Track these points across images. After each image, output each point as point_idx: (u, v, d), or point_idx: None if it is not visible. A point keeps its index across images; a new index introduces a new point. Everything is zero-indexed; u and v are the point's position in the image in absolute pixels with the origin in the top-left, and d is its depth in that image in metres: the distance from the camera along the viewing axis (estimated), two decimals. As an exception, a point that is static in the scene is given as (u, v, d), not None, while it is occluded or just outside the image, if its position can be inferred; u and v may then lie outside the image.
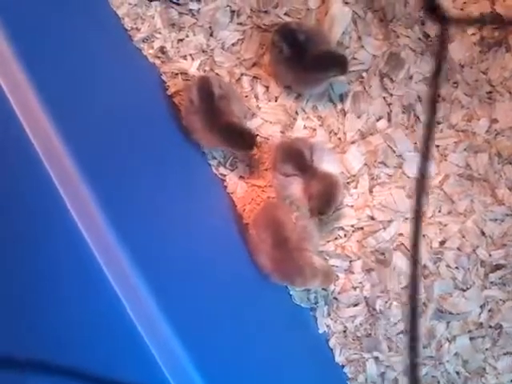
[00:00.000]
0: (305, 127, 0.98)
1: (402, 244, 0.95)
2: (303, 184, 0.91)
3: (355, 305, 0.96)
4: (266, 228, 0.88)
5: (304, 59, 0.92)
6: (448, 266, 0.94)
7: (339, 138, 0.98)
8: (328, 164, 0.91)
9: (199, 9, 1.00)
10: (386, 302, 0.95)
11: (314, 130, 0.98)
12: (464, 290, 0.94)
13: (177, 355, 0.56)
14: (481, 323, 0.94)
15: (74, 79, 0.72)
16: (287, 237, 0.87)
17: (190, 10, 1.00)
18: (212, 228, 0.88)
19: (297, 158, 0.91)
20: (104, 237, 0.55)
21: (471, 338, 0.95)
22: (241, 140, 0.92)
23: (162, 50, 0.99)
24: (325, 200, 0.90)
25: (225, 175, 0.98)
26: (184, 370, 0.56)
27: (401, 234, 0.95)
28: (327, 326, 0.97)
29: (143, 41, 0.99)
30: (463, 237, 0.95)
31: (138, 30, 0.99)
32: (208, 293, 0.72)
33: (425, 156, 0.32)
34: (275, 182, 0.93)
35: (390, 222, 0.95)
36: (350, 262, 0.96)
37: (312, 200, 0.90)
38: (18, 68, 0.57)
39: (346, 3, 1.00)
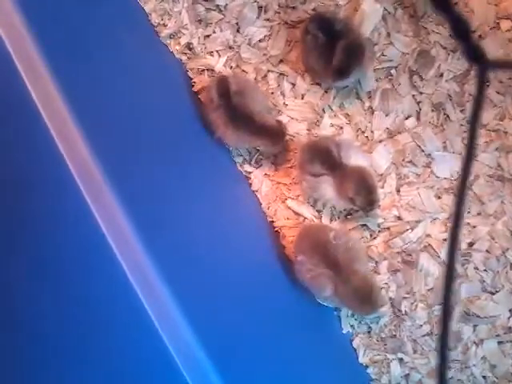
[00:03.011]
0: (331, 125, 0.97)
1: (430, 245, 0.93)
2: (334, 183, 0.89)
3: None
4: (313, 251, 0.87)
5: (335, 49, 0.91)
6: (476, 268, 0.92)
7: (366, 137, 0.96)
8: (357, 159, 0.89)
9: (226, 4, 0.99)
10: (412, 304, 0.93)
11: (341, 128, 0.97)
12: (492, 294, 0.92)
13: (198, 358, 0.56)
14: (509, 327, 0.92)
15: (100, 75, 0.72)
16: (336, 258, 0.86)
17: (217, 5, 1.00)
18: (238, 226, 0.88)
19: (324, 156, 0.89)
20: (130, 242, 0.55)
21: (499, 343, 0.92)
22: (265, 132, 0.91)
23: (189, 46, 0.99)
24: (366, 193, 0.87)
25: (250, 173, 0.98)
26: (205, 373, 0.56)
27: (428, 235, 0.93)
28: (351, 326, 0.96)
29: (170, 37, 0.99)
30: (492, 239, 0.92)
31: (164, 25, 0.99)
32: (232, 292, 0.72)
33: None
34: (304, 184, 0.91)
35: (417, 222, 0.93)
36: (376, 262, 0.94)
37: (353, 197, 0.87)
38: (43, 64, 0.57)
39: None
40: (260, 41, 0.99)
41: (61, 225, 0.58)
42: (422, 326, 0.93)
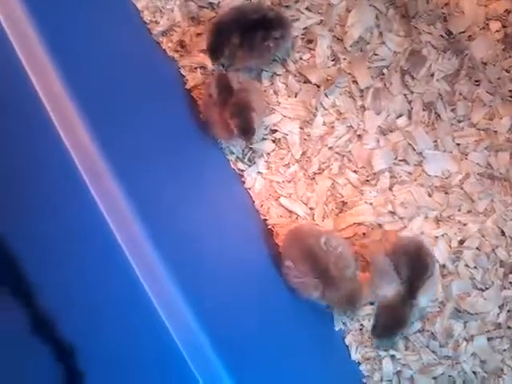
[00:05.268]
0: (324, 123, 0.97)
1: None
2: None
3: (372, 303, 0.95)
4: (302, 260, 0.86)
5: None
6: (467, 265, 0.94)
7: (359, 135, 0.97)
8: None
9: (219, 2, 0.99)
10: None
11: (333, 126, 0.97)
12: (483, 290, 0.93)
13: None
14: (499, 324, 0.94)
15: (93, 71, 0.72)
16: (326, 268, 0.85)
17: (210, 3, 1.00)
18: (231, 223, 0.88)
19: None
20: (136, 237, 0.56)
21: (489, 339, 0.94)
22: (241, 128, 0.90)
23: (181, 43, 0.99)
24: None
25: (243, 170, 0.98)
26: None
27: (421, 233, 0.94)
28: (343, 323, 0.96)
29: (162, 34, 0.99)
30: (483, 236, 0.94)
31: (157, 23, 0.99)
32: (231, 288, 0.72)
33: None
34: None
35: (410, 219, 0.94)
36: (367, 262, 0.95)
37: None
38: (47, 60, 0.57)
39: (368, -1, 0.99)
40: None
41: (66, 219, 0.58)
42: (413, 322, 0.94)
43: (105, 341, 0.59)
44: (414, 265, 0.87)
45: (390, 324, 0.89)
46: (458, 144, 0.96)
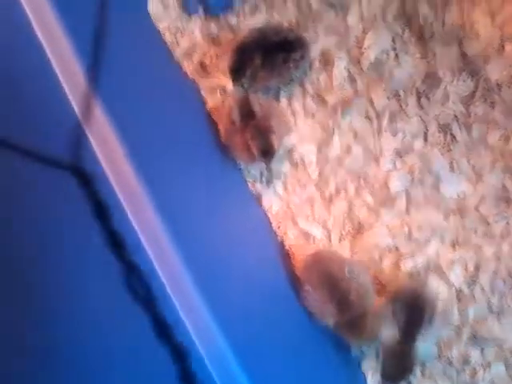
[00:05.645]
0: (341, 145, 0.98)
1: (439, 266, 0.94)
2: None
3: (388, 327, 0.96)
4: (322, 286, 0.87)
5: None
6: (483, 289, 0.94)
7: (375, 157, 0.98)
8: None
9: (239, 24, 1.00)
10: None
11: (350, 147, 0.98)
12: (500, 315, 0.94)
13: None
14: (517, 351, 0.94)
15: (122, 87, 0.74)
16: (347, 296, 0.86)
17: (230, 25, 1.01)
18: (250, 244, 0.89)
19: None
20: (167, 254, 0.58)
21: (507, 366, 0.94)
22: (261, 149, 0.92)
23: (202, 64, 1.00)
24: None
25: (260, 191, 0.99)
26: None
27: (437, 256, 0.95)
28: (360, 349, 0.96)
29: (183, 55, 1.00)
30: (499, 260, 0.94)
31: (177, 44, 1.00)
32: (249, 309, 0.73)
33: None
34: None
35: (426, 243, 0.95)
36: (383, 285, 0.95)
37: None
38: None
39: (385, 21, 1.00)
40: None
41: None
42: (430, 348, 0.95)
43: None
44: (410, 313, 0.88)
45: (394, 373, 0.90)
46: (474, 166, 0.97)
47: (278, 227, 0.98)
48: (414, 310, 0.88)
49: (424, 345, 0.89)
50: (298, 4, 1.01)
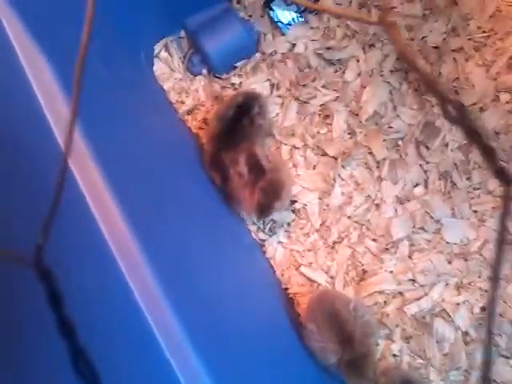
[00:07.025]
0: (342, 194, 1.00)
1: (444, 310, 0.94)
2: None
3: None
4: (327, 324, 0.87)
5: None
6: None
7: (377, 204, 0.99)
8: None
9: (241, 82, 1.06)
10: (427, 371, 0.93)
11: (351, 196, 1.00)
12: (508, 358, 0.92)
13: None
14: (527, 393, 0.92)
15: (126, 146, 0.78)
16: (352, 335, 0.86)
17: (232, 83, 1.06)
18: (253, 292, 0.90)
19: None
20: (158, 302, 0.58)
21: (517, 409, 0.92)
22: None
23: (205, 121, 1.04)
24: None
25: (264, 240, 1.00)
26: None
27: (442, 300, 0.94)
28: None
29: (187, 113, 1.05)
30: (505, 302, 0.93)
31: (182, 102, 1.05)
32: (250, 355, 0.73)
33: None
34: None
35: (431, 287, 0.95)
36: (390, 330, 0.95)
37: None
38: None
39: (382, 75, 1.04)
40: (273, 116, 1.04)
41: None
42: (438, 391, 0.93)
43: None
44: None
45: None
46: (475, 211, 0.97)
47: (282, 275, 0.98)
48: None
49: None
50: (297, 62, 1.06)
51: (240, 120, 0.95)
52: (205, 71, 1.06)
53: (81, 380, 0.39)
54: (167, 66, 1.07)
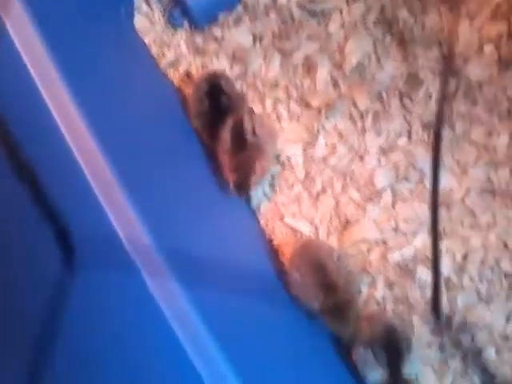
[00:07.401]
0: (326, 145, 1.00)
1: (427, 257, 0.94)
2: None
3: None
4: (311, 272, 0.88)
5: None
6: (471, 279, 0.94)
7: (360, 155, 0.99)
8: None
9: (223, 35, 1.04)
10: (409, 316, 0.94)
11: (335, 147, 1.00)
12: (488, 303, 0.93)
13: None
14: (507, 336, 0.93)
15: (110, 98, 0.77)
16: (335, 283, 0.87)
17: (214, 37, 1.05)
18: (238, 243, 0.91)
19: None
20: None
21: (497, 351, 0.93)
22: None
23: (188, 74, 1.03)
24: None
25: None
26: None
27: (425, 248, 0.95)
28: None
29: (169, 66, 1.04)
30: (486, 250, 0.95)
31: (164, 55, 1.04)
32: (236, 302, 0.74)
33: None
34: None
35: (413, 235, 0.96)
36: (373, 277, 0.96)
37: None
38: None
39: (365, 27, 1.03)
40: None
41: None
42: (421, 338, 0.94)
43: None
44: (388, 351, 0.87)
45: None
46: (458, 161, 0.98)
47: (266, 226, 0.99)
48: (391, 348, 0.88)
49: (410, 365, 0.88)
50: (280, 14, 1.05)
51: (218, 102, 0.96)
52: (186, 24, 1.05)
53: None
54: (148, 19, 1.05)
